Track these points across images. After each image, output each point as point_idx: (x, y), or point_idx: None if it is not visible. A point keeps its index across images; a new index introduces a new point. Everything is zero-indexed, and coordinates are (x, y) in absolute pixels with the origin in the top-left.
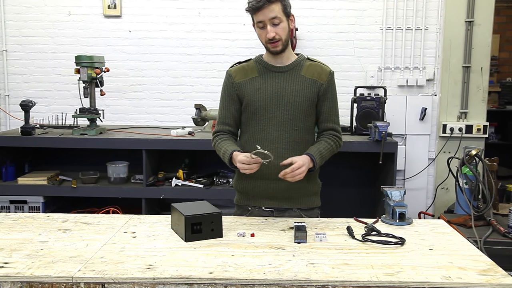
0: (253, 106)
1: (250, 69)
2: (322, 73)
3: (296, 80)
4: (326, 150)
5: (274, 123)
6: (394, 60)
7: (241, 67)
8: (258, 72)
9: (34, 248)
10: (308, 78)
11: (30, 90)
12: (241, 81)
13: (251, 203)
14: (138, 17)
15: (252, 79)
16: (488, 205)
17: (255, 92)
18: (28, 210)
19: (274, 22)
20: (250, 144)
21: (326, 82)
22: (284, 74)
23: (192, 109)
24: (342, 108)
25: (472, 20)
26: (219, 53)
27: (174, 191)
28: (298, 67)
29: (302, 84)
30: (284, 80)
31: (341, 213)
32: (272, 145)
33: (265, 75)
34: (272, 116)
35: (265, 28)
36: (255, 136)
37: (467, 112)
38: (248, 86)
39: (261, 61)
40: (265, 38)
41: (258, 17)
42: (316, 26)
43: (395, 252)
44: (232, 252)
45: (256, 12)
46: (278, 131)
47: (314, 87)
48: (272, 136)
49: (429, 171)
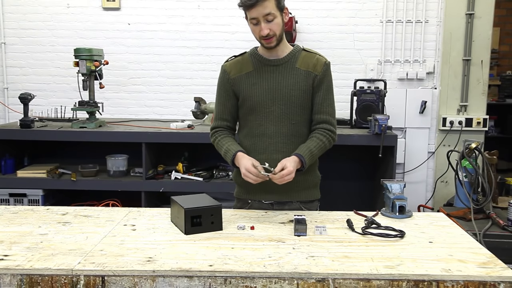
0: (249, 102)
1: (245, 63)
2: (317, 64)
3: (291, 73)
4: (317, 148)
5: (271, 118)
6: (394, 53)
7: (236, 62)
8: (253, 66)
9: (34, 241)
10: (303, 70)
11: (29, 83)
12: (236, 76)
13: (251, 197)
14: (137, 9)
15: (248, 74)
16: (487, 198)
17: (250, 87)
18: (27, 203)
19: (268, 19)
20: (249, 139)
21: (321, 73)
22: (279, 68)
23: (191, 102)
24: (342, 101)
25: (473, 12)
26: (219, 46)
27: (174, 184)
28: (293, 60)
29: (297, 77)
30: (279, 74)
31: (341, 206)
32: (270, 140)
33: (260, 69)
34: (269, 111)
35: (259, 24)
36: (253, 131)
37: (467, 105)
38: (244, 82)
39: (256, 54)
40: (259, 34)
41: (251, 13)
42: (316, 19)
43: (395, 245)
44: (232, 245)
45: (249, 9)
46: (275, 125)
47: (309, 79)
48: (270, 131)
49: (428, 164)
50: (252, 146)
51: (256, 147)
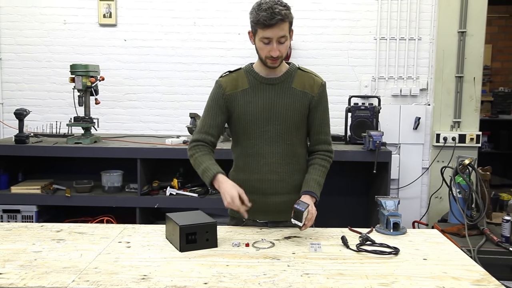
0: (244, 120)
1: (241, 80)
2: (313, 85)
3: (287, 93)
4: (323, 177)
5: (265, 137)
6: (388, 70)
7: (231, 78)
8: (249, 84)
9: (28, 259)
10: (299, 91)
11: (25, 99)
12: (232, 93)
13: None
14: (133, 26)
15: (243, 91)
16: (481, 214)
17: (246, 105)
18: (21, 219)
19: (281, 41)
20: (242, 158)
21: (317, 94)
22: (275, 87)
23: (187, 118)
24: (337, 117)
25: (465, 30)
26: (214, 62)
27: (169, 200)
28: (289, 79)
29: (293, 97)
30: (275, 93)
31: (335, 222)
32: (265, 160)
33: (256, 87)
34: (264, 130)
35: (270, 44)
36: (247, 151)
37: (460, 121)
38: (239, 99)
39: (252, 71)
40: (267, 54)
41: (266, 33)
42: (311, 36)
43: (390, 262)
44: (227, 262)
45: (266, 28)
46: (270, 146)
47: (305, 100)
48: (264, 151)
49: (423, 180)
50: (246, 166)
51: (250, 167)
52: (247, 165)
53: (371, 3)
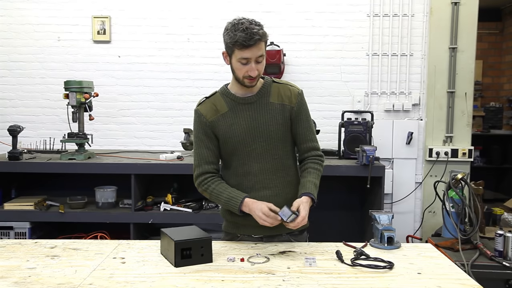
0: (230, 143)
1: (219, 104)
2: (291, 96)
3: (266, 109)
4: (318, 179)
5: (253, 156)
6: (381, 85)
7: (209, 104)
8: (227, 107)
9: (22, 275)
10: (278, 104)
11: (18, 115)
12: (214, 119)
13: (240, 231)
14: (127, 42)
15: (223, 115)
16: (474, 229)
17: (229, 128)
18: (14, 236)
19: (259, 60)
20: (234, 178)
21: (296, 104)
22: (253, 105)
23: (181, 134)
24: (330, 132)
25: (456, 46)
26: (208, 78)
27: (163, 216)
28: (266, 95)
29: (273, 112)
30: (255, 111)
31: (330, 236)
32: (256, 178)
33: (235, 108)
34: (251, 149)
35: (248, 64)
36: (237, 171)
37: (452, 136)
38: (221, 123)
39: (228, 93)
40: (245, 74)
41: (245, 53)
42: (303, 52)
43: (384, 276)
44: (222, 277)
45: (245, 49)
46: (259, 163)
47: (286, 112)
48: (254, 169)
49: (416, 194)
50: (239, 185)
51: (243, 186)
52: (240, 185)
53: (363, 19)
